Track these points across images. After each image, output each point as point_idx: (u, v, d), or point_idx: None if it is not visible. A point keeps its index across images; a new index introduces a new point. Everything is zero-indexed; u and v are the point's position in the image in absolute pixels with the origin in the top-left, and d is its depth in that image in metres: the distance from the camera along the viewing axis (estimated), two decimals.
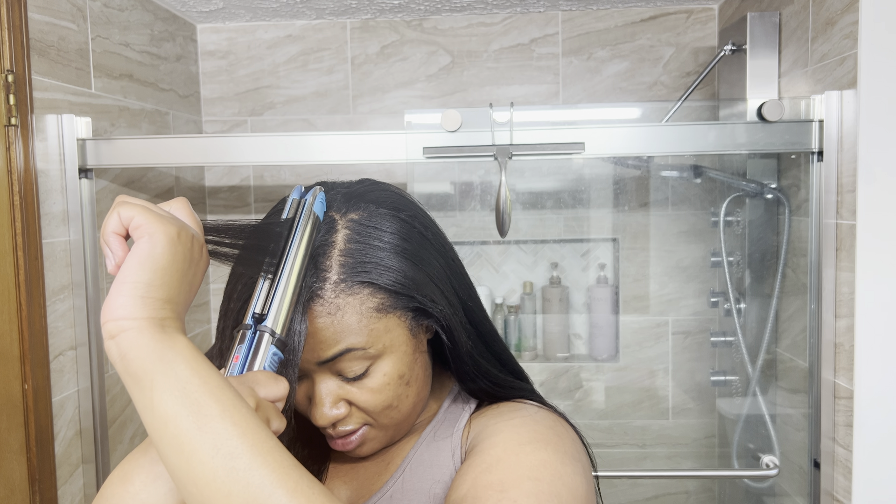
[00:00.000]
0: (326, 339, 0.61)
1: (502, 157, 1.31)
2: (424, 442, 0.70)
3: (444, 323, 0.65)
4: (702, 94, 1.95)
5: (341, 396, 0.65)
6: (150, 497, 0.51)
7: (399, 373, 0.65)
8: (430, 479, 0.67)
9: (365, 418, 0.66)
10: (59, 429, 1.31)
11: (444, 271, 0.67)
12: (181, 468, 0.45)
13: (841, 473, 1.24)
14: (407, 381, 0.66)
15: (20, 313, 1.21)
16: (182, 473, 0.45)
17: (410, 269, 0.63)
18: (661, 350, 2.02)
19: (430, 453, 0.69)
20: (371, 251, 0.62)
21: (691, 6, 1.96)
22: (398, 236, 0.64)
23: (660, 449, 2.04)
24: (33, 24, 1.27)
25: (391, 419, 0.67)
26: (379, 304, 0.62)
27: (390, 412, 0.66)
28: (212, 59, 2.04)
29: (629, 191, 2.00)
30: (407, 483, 0.68)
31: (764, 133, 1.29)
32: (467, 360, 0.68)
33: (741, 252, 1.71)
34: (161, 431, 0.46)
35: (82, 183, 1.35)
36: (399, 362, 0.65)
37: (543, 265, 2.05)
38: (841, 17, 1.23)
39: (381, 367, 0.64)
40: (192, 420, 0.45)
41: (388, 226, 0.64)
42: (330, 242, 0.62)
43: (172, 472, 0.46)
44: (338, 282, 0.61)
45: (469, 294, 0.70)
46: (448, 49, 2.01)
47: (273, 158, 1.36)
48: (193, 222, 0.56)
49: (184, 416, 0.45)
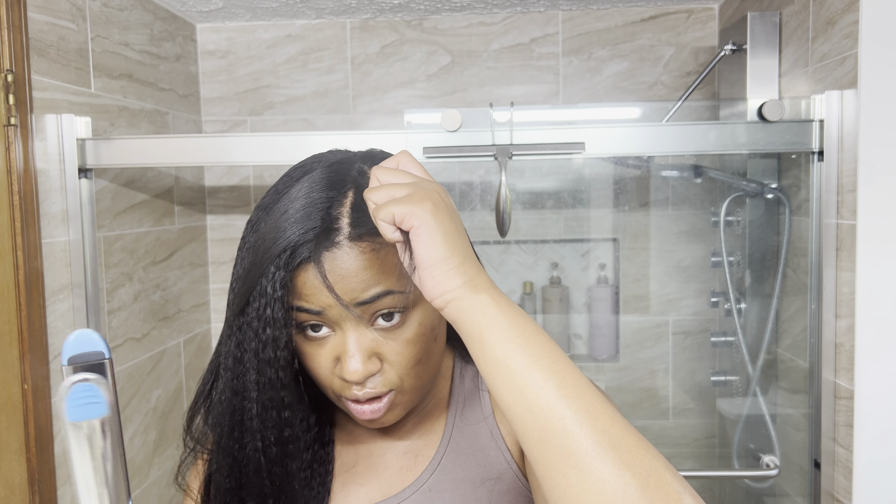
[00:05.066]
0: (367, 279, 0.61)
1: (502, 156, 1.31)
2: (455, 429, 0.71)
3: None
4: (702, 93, 1.95)
5: (374, 350, 0.63)
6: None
7: (432, 324, 0.65)
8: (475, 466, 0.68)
9: (393, 380, 0.64)
10: (58, 429, 1.31)
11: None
12: (516, 401, 0.51)
13: (841, 473, 1.23)
14: (436, 335, 0.66)
15: (20, 313, 1.21)
16: (517, 405, 0.51)
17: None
18: (661, 350, 2.02)
19: (468, 440, 0.70)
20: None
21: (691, 6, 1.96)
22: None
23: (660, 449, 2.03)
24: (33, 24, 1.27)
25: (419, 378, 0.66)
26: None
27: (419, 369, 0.65)
28: (211, 59, 2.04)
29: (629, 191, 2.00)
30: (448, 473, 0.68)
31: (764, 133, 1.29)
32: None
33: (741, 252, 1.71)
34: (495, 373, 0.52)
35: (82, 183, 1.35)
36: (432, 314, 0.65)
37: (543, 265, 2.05)
38: (841, 17, 1.23)
39: (415, 317, 0.64)
40: (521, 359, 0.51)
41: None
42: (361, 188, 0.64)
43: (508, 407, 0.51)
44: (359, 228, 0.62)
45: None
46: (448, 49, 2.01)
47: (273, 158, 1.35)
48: (423, 171, 0.61)
49: (512, 358, 0.51)
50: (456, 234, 0.55)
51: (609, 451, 0.47)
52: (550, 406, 0.49)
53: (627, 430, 0.49)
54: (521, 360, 0.51)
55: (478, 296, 0.53)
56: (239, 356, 0.63)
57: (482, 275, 0.56)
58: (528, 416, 0.50)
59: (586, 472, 0.47)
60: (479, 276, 0.55)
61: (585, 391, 0.50)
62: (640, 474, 0.46)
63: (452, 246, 0.54)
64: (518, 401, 0.50)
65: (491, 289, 0.54)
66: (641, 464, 0.47)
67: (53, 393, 1.30)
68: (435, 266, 0.53)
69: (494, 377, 0.52)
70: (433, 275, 0.53)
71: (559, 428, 0.48)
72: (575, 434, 0.48)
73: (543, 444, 0.49)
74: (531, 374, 0.50)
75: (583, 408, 0.49)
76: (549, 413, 0.49)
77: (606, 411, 0.49)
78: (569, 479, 0.47)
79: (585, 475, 0.47)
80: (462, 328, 0.53)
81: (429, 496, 0.68)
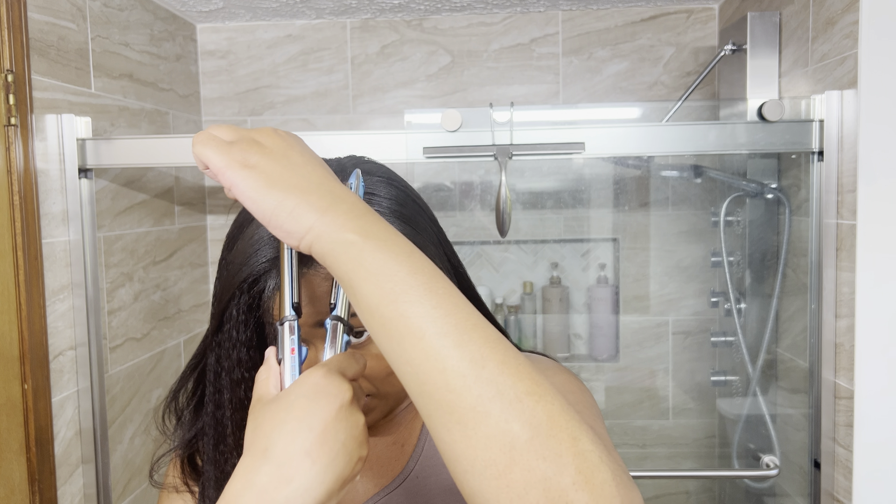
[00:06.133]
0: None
1: (502, 156, 1.31)
2: None
3: None
4: (702, 93, 1.95)
5: None
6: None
7: None
8: None
9: (368, 388, 0.64)
10: (58, 429, 1.31)
11: (437, 237, 0.68)
12: (392, 350, 0.46)
13: (841, 474, 1.23)
14: None
15: (20, 313, 1.21)
16: (394, 355, 0.46)
17: (410, 234, 0.63)
18: (661, 350, 2.02)
19: None
20: None
21: (691, 6, 1.96)
22: (395, 201, 0.64)
23: (660, 449, 2.04)
24: (33, 24, 1.27)
25: (394, 385, 0.65)
26: None
27: (393, 378, 0.64)
28: (212, 59, 2.04)
29: (629, 191, 2.00)
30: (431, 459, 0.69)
31: (764, 133, 1.29)
32: None
33: (741, 252, 1.71)
34: (369, 321, 0.47)
35: (82, 183, 1.35)
36: None
37: (543, 265, 2.05)
38: (841, 17, 1.23)
39: None
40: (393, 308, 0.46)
41: (384, 192, 0.64)
42: None
43: (386, 355, 0.47)
44: None
45: (459, 262, 0.72)
46: (448, 49, 2.01)
47: None
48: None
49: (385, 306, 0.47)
50: (289, 168, 0.50)
51: (494, 403, 0.42)
52: (430, 357, 0.44)
53: (518, 376, 0.44)
54: (394, 308, 0.45)
55: (340, 234, 0.48)
56: (218, 371, 0.64)
57: (342, 203, 0.49)
58: (407, 368, 0.45)
59: (470, 429, 0.43)
60: (337, 206, 0.49)
61: (472, 335, 0.44)
62: (530, 424, 0.42)
63: (284, 185, 0.49)
64: (395, 351, 0.46)
65: (358, 221, 0.48)
66: (532, 413, 0.42)
67: (54, 393, 1.30)
68: (273, 216, 0.48)
69: (369, 324, 0.47)
70: (278, 225, 0.49)
71: (440, 382, 0.44)
72: (457, 388, 0.43)
73: (424, 397, 0.45)
74: (406, 324, 0.45)
75: (467, 357, 0.44)
76: (427, 366, 0.44)
77: (495, 356, 0.44)
78: (453, 435, 0.44)
79: (470, 431, 0.43)
80: (331, 270, 0.49)
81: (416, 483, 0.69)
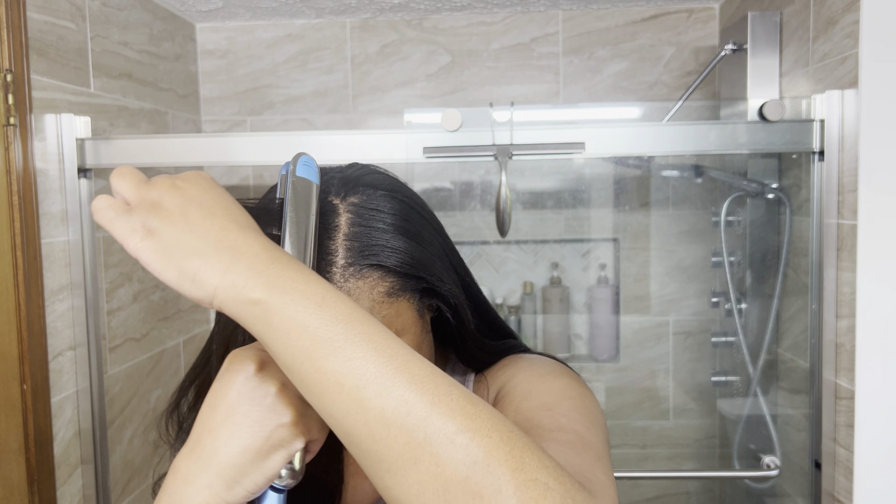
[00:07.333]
0: None
1: (502, 156, 1.30)
2: None
3: (452, 301, 0.65)
4: (702, 93, 1.95)
5: None
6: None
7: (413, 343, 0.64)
8: None
9: None
10: (57, 429, 1.31)
11: (443, 249, 0.67)
12: (315, 403, 0.47)
13: (842, 474, 1.23)
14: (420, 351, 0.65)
15: (19, 313, 1.21)
16: (318, 406, 0.47)
17: (416, 250, 0.62)
18: (661, 350, 2.02)
19: None
20: (375, 233, 0.61)
21: (692, 5, 1.96)
22: (399, 217, 0.63)
23: (660, 449, 2.04)
24: (32, 24, 1.26)
25: None
26: (389, 288, 0.61)
27: None
28: (211, 59, 2.04)
29: (630, 191, 2.00)
30: None
31: (765, 133, 1.29)
32: (472, 336, 0.69)
33: (742, 252, 1.71)
34: (290, 374, 0.48)
35: (81, 183, 1.35)
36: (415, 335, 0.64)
37: (544, 265, 2.04)
38: (842, 17, 1.23)
39: None
40: (308, 368, 0.47)
41: (388, 207, 0.63)
42: (333, 227, 0.61)
43: (312, 403, 0.48)
44: (346, 266, 0.60)
45: (465, 270, 0.72)
46: (448, 48, 2.01)
47: (272, 158, 1.35)
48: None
49: (300, 364, 0.47)
50: (187, 230, 0.49)
51: (423, 449, 0.43)
52: (351, 411, 0.45)
53: (449, 415, 0.44)
54: (309, 365, 0.46)
55: (243, 295, 0.47)
56: None
57: (242, 259, 0.48)
58: (332, 421, 0.46)
59: (400, 476, 0.44)
60: (237, 265, 0.48)
61: (395, 380, 0.45)
62: (464, 464, 0.43)
63: (182, 252, 0.49)
64: (317, 404, 0.47)
65: (260, 276, 0.47)
66: (466, 452, 0.43)
67: (53, 393, 1.30)
68: (179, 287, 0.49)
69: (290, 375, 0.48)
70: (186, 294, 0.49)
71: (364, 434, 0.45)
72: (381, 437, 0.44)
73: (353, 447, 0.46)
74: (323, 380, 0.46)
75: (390, 405, 0.44)
76: (350, 419, 0.45)
77: (422, 398, 0.44)
78: (385, 482, 0.45)
79: (400, 478, 0.44)
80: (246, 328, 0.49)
81: None
